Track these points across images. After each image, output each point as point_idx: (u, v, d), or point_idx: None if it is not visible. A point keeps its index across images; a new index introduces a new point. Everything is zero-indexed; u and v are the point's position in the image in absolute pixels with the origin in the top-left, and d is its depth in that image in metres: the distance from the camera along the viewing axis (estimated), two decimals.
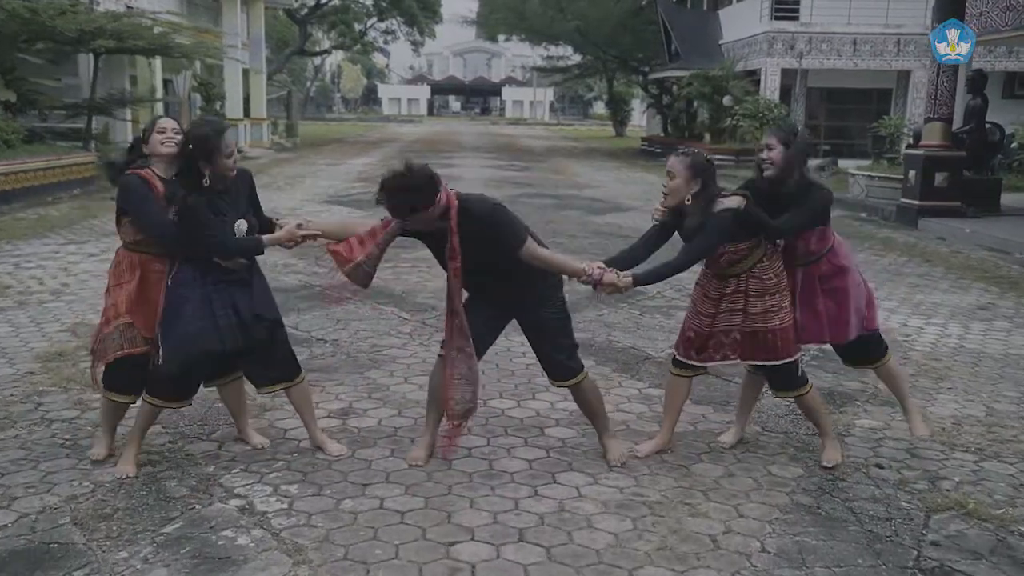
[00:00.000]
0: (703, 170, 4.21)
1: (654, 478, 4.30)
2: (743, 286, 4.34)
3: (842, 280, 4.47)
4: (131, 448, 4.30)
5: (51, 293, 8.11)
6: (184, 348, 4.09)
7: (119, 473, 4.21)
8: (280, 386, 4.46)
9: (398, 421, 5.00)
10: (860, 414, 5.30)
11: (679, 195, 4.24)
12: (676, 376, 4.61)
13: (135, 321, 4.20)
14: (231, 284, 4.21)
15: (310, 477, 4.22)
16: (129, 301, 4.19)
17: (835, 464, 4.44)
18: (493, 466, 4.40)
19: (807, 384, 4.44)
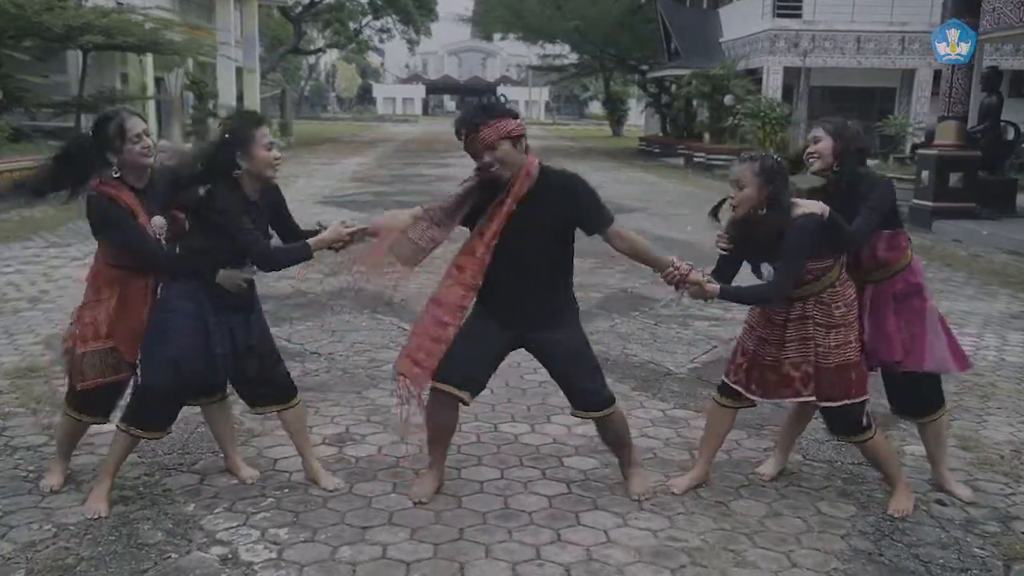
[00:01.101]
0: (775, 174, 3.69)
1: (690, 518, 3.81)
2: (809, 312, 3.82)
3: (920, 301, 3.94)
4: (104, 483, 3.81)
5: (28, 301, 7.61)
6: (169, 372, 3.63)
7: (90, 512, 3.72)
8: (274, 407, 3.98)
9: (400, 449, 4.50)
10: (908, 438, 4.82)
11: (751, 204, 3.72)
12: (721, 406, 4.10)
13: (117, 344, 3.73)
14: (229, 310, 3.74)
15: (302, 519, 3.72)
16: (110, 322, 3.72)
17: (905, 514, 3.90)
18: (509, 504, 3.90)
19: (872, 429, 3.89)
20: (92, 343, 3.74)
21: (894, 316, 3.91)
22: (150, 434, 3.81)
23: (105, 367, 3.75)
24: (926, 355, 3.92)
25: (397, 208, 3.89)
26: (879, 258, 3.91)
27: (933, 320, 3.98)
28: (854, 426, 3.85)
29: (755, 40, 27.52)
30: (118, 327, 3.72)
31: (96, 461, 4.25)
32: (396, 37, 50.79)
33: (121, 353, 3.74)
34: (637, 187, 19.95)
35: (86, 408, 3.88)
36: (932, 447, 4.22)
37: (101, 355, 3.74)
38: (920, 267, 4.06)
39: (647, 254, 3.84)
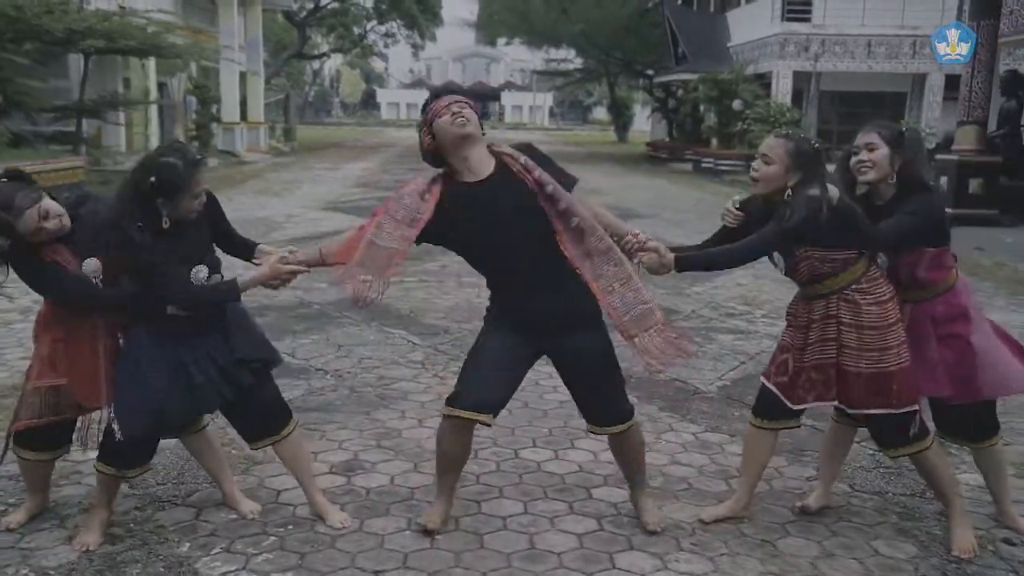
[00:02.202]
0: (808, 159, 3.36)
1: (735, 560, 3.46)
2: (833, 311, 3.48)
3: (964, 327, 3.56)
4: (97, 515, 3.50)
5: (20, 312, 7.27)
6: (152, 421, 3.34)
7: (78, 545, 3.41)
8: (267, 441, 3.63)
9: (414, 478, 4.15)
10: (959, 464, 4.46)
11: (771, 184, 3.41)
12: (756, 428, 3.76)
13: (71, 385, 3.40)
14: (199, 335, 3.40)
15: (308, 561, 3.36)
16: (56, 360, 3.40)
17: (971, 554, 3.52)
18: (535, 543, 3.54)
19: (925, 440, 3.54)
20: (34, 380, 3.44)
21: (937, 342, 3.56)
22: (131, 472, 3.51)
23: (44, 406, 3.43)
24: (980, 385, 3.57)
25: None
26: (919, 278, 3.55)
27: (985, 343, 3.61)
28: (902, 438, 3.51)
29: (764, 44, 27.21)
30: (70, 368, 3.41)
31: (83, 492, 3.92)
32: (401, 42, 50.58)
33: (72, 395, 3.43)
34: (647, 193, 19.60)
35: (27, 443, 3.56)
36: (991, 478, 3.86)
37: (43, 392, 3.43)
38: (966, 288, 3.68)
39: (608, 222, 3.50)
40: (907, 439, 3.52)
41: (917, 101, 27.39)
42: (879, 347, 3.44)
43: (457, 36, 78.34)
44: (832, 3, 26.16)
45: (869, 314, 3.45)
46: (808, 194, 3.29)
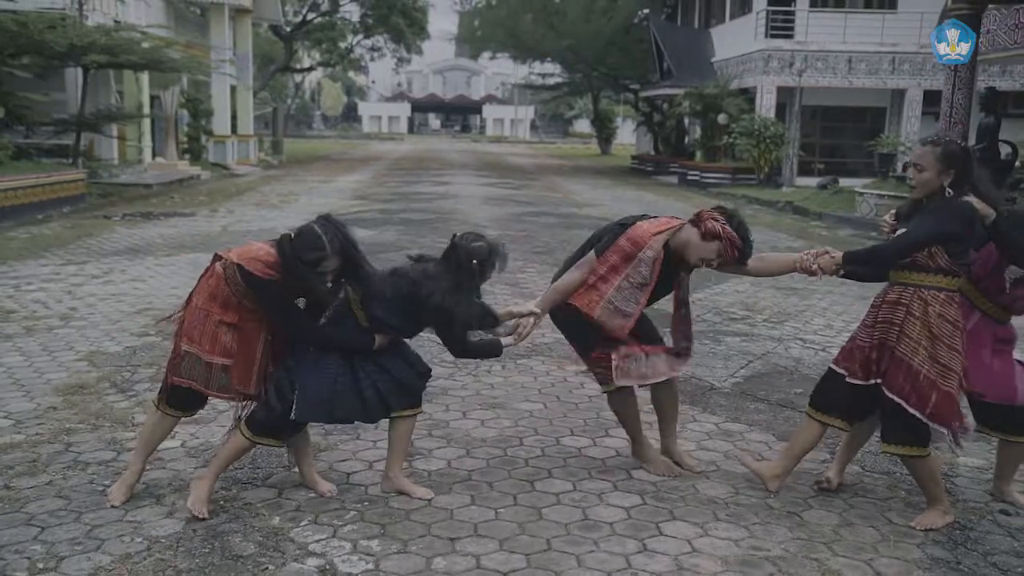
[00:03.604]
0: (958, 159, 3.75)
1: (766, 528, 3.89)
2: (905, 300, 3.85)
3: (1011, 347, 4.09)
4: (206, 484, 3.91)
5: (59, 318, 7.62)
6: (323, 411, 3.90)
7: (197, 512, 3.80)
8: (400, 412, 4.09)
9: (468, 462, 4.57)
10: (958, 451, 4.91)
11: (929, 188, 3.80)
12: (810, 417, 4.19)
13: (233, 371, 3.87)
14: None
15: (389, 530, 3.77)
16: (219, 339, 3.85)
17: (927, 528, 3.93)
18: (588, 515, 3.97)
19: (925, 448, 3.92)
20: (195, 346, 3.85)
21: (992, 352, 4.02)
22: (272, 443, 3.99)
23: (199, 376, 3.86)
24: (1018, 393, 4.03)
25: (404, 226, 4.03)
26: (1007, 295, 3.97)
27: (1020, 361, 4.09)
28: (909, 439, 3.87)
29: (748, 60, 27.80)
30: (230, 351, 3.86)
31: (169, 476, 4.30)
32: (387, 56, 50.99)
33: (232, 379, 3.88)
34: (637, 205, 20.07)
35: (176, 403, 3.99)
36: (1007, 463, 4.31)
37: (200, 364, 3.86)
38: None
39: (776, 264, 4.38)
40: (907, 441, 3.88)
41: (896, 116, 28.04)
42: (932, 353, 3.78)
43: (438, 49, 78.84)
44: (814, 20, 26.79)
45: (933, 320, 3.78)
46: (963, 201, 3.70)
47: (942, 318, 3.79)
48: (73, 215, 15.66)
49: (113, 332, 7.20)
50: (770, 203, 21.09)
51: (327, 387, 3.83)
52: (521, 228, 14.88)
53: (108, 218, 15.42)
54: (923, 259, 3.79)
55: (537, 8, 37.08)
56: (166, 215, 16.12)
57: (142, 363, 6.29)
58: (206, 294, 3.89)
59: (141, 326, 7.39)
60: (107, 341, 6.90)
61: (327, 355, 3.88)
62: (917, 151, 3.85)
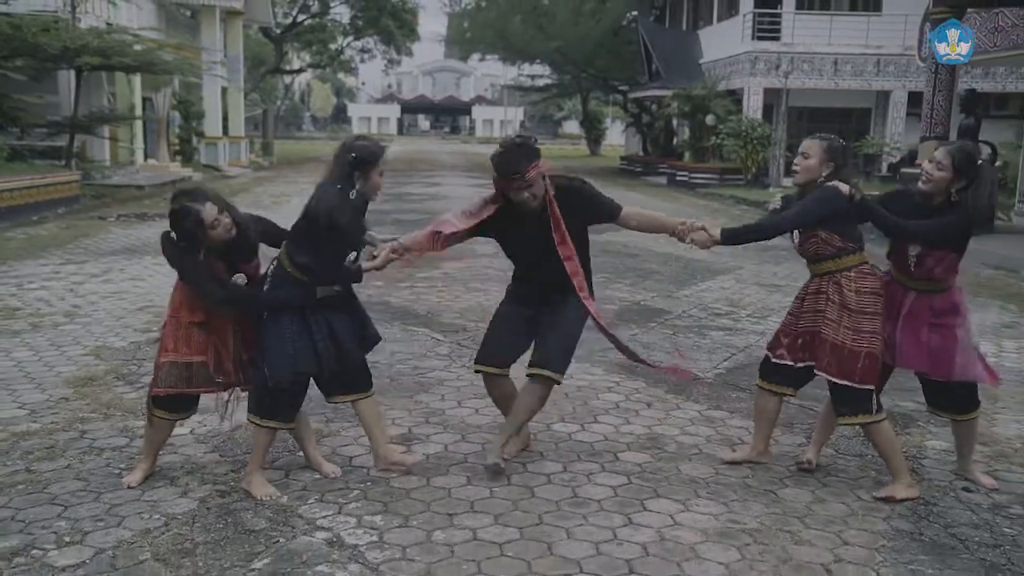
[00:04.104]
0: (838, 154, 4.23)
1: (744, 504, 4.16)
2: (824, 287, 4.26)
3: (953, 319, 4.31)
4: (258, 474, 4.20)
5: (64, 315, 7.84)
6: (289, 367, 4.04)
7: (264, 495, 4.09)
8: (352, 396, 4.35)
9: (464, 447, 4.83)
10: (927, 436, 5.21)
11: (811, 175, 4.24)
12: (760, 388, 4.57)
13: (206, 358, 4.12)
14: (327, 309, 4.14)
15: (391, 507, 4.03)
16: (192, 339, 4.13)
17: (887, 497, 4.24)
18: (577, 493, 4.23)
19: (878, 415, 4.22)
20: (171, 354, 4.11)
21: (928, 329, 4.30)
22: (283, 424, 4.20)
23: (178, 379, 4.11)
24: (955, 368, 4.30)
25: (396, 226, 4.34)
26: (934, 274, 4.27)
27: (964, 336, 4.34)
28: (856, 408, 4.21)
29: (736, 61, 28.15)
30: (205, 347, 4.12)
31: (181, 460, 4.55)
32: (377, 57, 51.19)
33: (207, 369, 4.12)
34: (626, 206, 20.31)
35: (165, 407, 4.21)
36: (962, 442, 4.59)
37: (178, 367, 4.10)
38: (961, 289, 4.42)
39: (659, 223, 4.54)
40: (859, 411, 4.20)
41: (882, 117, 28.43)
42: (854, 328, 4.17)
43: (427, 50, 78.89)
44: (800, 23, 27.17)
45: (851, 298, 4.18)
46: (828, 185, 4.15)
47: (859, 292, 4.18)
48: (68, 216, 15.85)
49: (117, 328, 7.43)
50: (757, 203, 21.36)
51: (288, 343, 4.03)
52: None
53: (103, 219, 15.62)
54: (823, 248, 4.22)
55: (526, 10, 37.38)
56: (160, 216, 16.27)
57: (147, 357, 6.50)
58: (176, 303, 4.18)
59: (143, 322, 7.63)
60: (112, 336, 7.13)
61: (281, 317, 4.07)
62: (806, 142, 4.31)
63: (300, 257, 4.06)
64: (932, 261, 4.25)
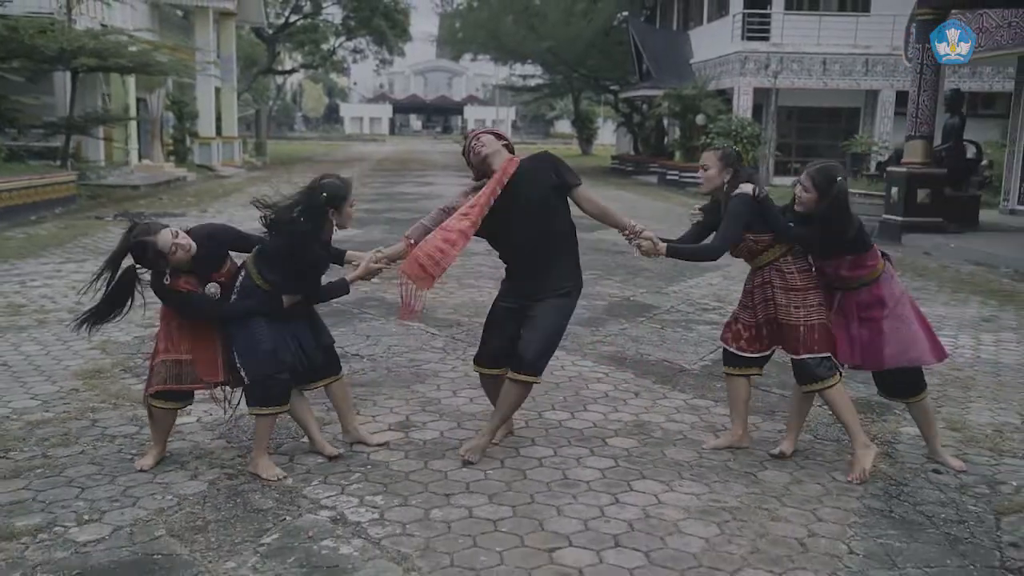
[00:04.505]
0: (733, 160, 4.69)
1: (725, 485, 4.40)
2: (768, 278, 4.65)
3: (879, 311, 4.58)
4: (263, 457, 4.43)
5: (68, 312, 8.04)
6: (270, 360, 4.31)
7: (271, 476, 4.35)
8: (325, 381, 4.67)
9: (460, 433, 5.06)
10: (903, 423, 5.44)
11: (713, 183, 4.68)
12: (729, 375, 4.90)
13: (194, 358, 4.38)
14: (290, 320, 4.45)
15: (391, 488, 4.26)
16: (179, 340, 4.39)
17: (860, 473, 4.50)
18: (567, 475, 4.46)
19: (834, 380, 4.55)
20: (162, 355, 4.41)
21: (858, 323, 4.62)
22: (279, 408, 4.41)
23: (168, 376, 4.39)
24: (885, 358, 4.59)
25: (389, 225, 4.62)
26: (842, 276, 4.62)
27: (893, 324, 4.59)
28: (817, 375, 4.55)
29: (725, 61, 28.40)
30: (192, 347, 4.39)
31: (189, 446, 4.77)
32: (369, 57, 51.36)
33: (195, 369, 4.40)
34: (617, 204, 20.46)
35: (163, 397, 4.46)
36: (922, 425, 4.85)
37: (168, 365, 4.39)
38: (888, 281, 4.64)
39: (610, 216, 4.71)
40: (818, 378, 4.55)
41: (870, 116, 28.71)
42: (804, 305, 4.56)
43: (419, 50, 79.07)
44: (789, 23, 27.43)
45: (793, 279, 4.58)
46: (737, 195, 4.55)
47: (799, 272, 4.60)
48: (65, 216, 16.02)
49: (121, 324, 7.53)
50: None
51: (265, 339, 4.30)
52: None
53: (100, 218, 15.79)
54: (755, 246, 4.62)
55: (518, 10, 37.60)
56: (156, 215, 16.44)
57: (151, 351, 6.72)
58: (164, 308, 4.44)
59: (146, 319, 7.80)
60: (116, 332, 7.33)
61: (250, 322, 4.33)
62: (705, 155, 4.74)
63: (271, 276, 4.34)
64: (831, 265, 4.62)
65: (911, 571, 3.57)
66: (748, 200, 4.52)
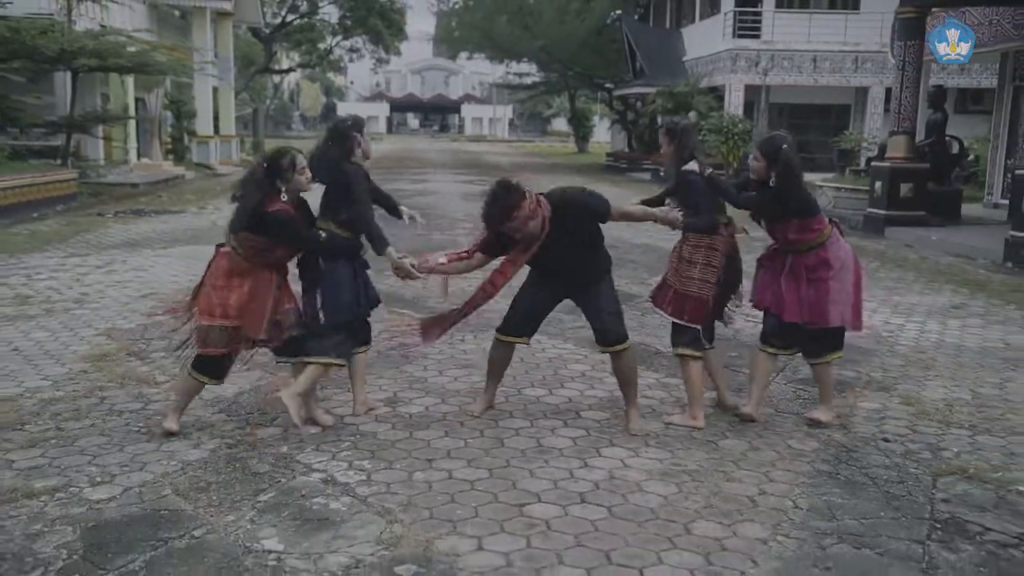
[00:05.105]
0: (676, 133, 5.21)
1: (687, 451, 4.77)
2: (677, 247, 5.24)
3: (824, 273, 5.02)
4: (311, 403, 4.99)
5: (73, 302, 8.40)
6: (347, 311, 4.88)
7: (325, 422, 5.00)
8: (362, 349, 5.20)
9: (443, 408, 5.43)
10: (861, 398, 5.81)
11: (670, 159, 5.27)
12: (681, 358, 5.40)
13: (244, 323, 4.71)
14: (363, 267, 5.04)
15: (378, 455, 4.62)
16: (240, 305, 4.70)
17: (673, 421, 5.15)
18: (541, 443, 4.83)
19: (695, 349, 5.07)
20: (218, 319, 4.69)
21: (806, 284, 5.04)
22: (339, 361, 4.94)
23: (229, 340, 4.73)
24: (830, 315, 5.04)
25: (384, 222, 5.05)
26: (791, 239, 5.08)
27: (838, 287, 5.03)
28: (681, 340, 5.12)
29: (717, 59, 28.77)
30: (247, 310, 4.71)
31: (192, 420, 5.12)
32: (366, 56, 51.71)
33: (246, 331, 4.72)
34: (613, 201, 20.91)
35: (204, 370, 4.80)
36: (823, 384, 5.30)
37: (229, 331, 4.71)
38: (834, 245, 5.07)
39: (636, 216, 5.28)
40: (684, 344, 5.12)
41: (860, 112, 29.10)
42: (686, 275, 5.11)
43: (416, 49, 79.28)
44: (780, 20, 27.81)
45: (686, 251, 5.14)
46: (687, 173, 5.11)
47: (695, 247, 5.10)
48: (67, 213, 16.35)
49: (124, 312, 8.00)
50: None
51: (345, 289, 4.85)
52: None
53: (101, 215, 16.14)
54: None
55: (512, 10, 37.97)
56: (157, 212, 16.86)
57: (154, 337, 7.09)
58: (221, 274, 4.76)
59: (148, 307, 8.19)
60: (120, 320, 7.70)
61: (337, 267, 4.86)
62: (660, 135, 5.29)
63: (340, 216, 4.90)
64: (779, 228, 5.08)
65: (848, 522, 3.93)
66: (698, 175, 5.06)
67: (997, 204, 18.65)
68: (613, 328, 5.01)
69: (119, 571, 3.38)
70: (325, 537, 3.69)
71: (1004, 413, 5.58)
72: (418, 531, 3.75)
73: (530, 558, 3.54)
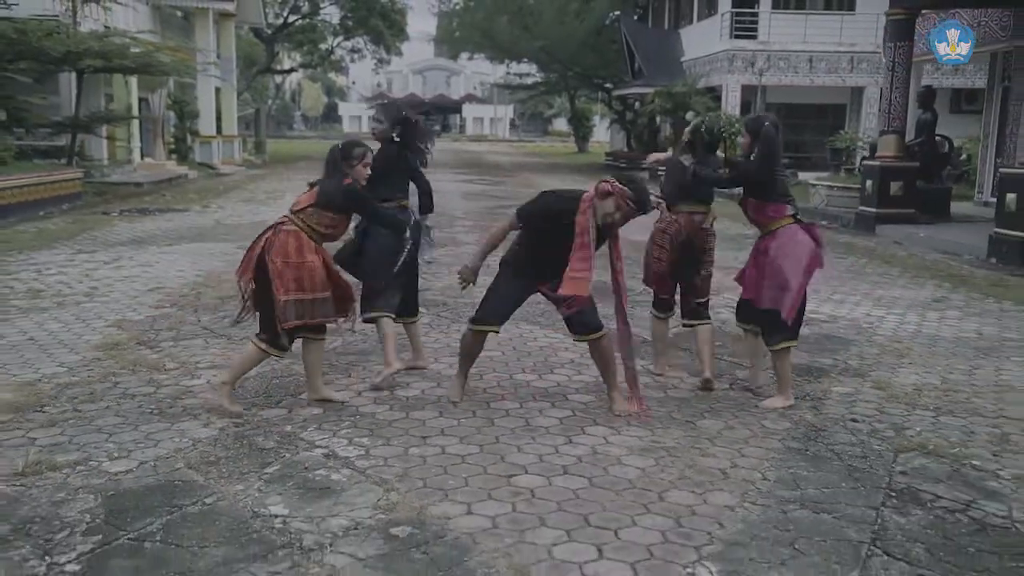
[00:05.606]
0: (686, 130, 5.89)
1: (667, 430, 5.08)
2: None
3: (764, 258, 5.48)
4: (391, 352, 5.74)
5: (84, 295, 8.71)
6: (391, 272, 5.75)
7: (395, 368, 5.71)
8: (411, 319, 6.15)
9: (439, 391, 5.75)
10: (835, 383, 6.12)
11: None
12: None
13: (336, 293, 5.23)
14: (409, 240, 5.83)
15: (376, 432, 4.94)
16: (323, 279, 5.15)
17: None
18: (529, 423, 5.15)
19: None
20: (295, 294, 5.05)
21: (753, 263, 5.55)
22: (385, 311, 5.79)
23: (324, 311, 5.20)
24: (762, 300, 5.47)
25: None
26: (750, 218, 5.61)
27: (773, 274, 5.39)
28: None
29: (714, 59, 29.08)
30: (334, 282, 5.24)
31: (199, 402, 5.43)
32: (367, 57, 52.03)
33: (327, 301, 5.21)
34: None
35: (275, 344, 5.19)
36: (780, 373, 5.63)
37: (320, 302, 5.15)
38: (785, 239, 5.42)
39: None
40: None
41: (856, 112, 29.40)
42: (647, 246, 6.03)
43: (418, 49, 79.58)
44: (776, 21, 28.13)
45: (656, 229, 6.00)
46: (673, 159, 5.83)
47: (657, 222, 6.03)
48: (73, 212, 16.66)
49: (133, 305, 8.31)
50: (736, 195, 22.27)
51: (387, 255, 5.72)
52: (494, 220, 16.05)
53: (107, 214, 16.46)
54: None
55: (512, 10, 38.30)
56: (161, 211, 17.17)
57: (163, 328, 7.41)
58: (293, 250, 5.08)
59: (157, 300, 8.51)
60: (130, 312, 8.01)
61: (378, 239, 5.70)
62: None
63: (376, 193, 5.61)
64: (746, 207, 5.57)
65: (810, 491, 4.25)
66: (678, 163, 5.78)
67: (987, 202, 18.94)
68: (591, 319, 5.36)
69: (138, 532, 3.70)
70: (327, 503, 4.00)
71: (969, 397, 5.89)
72: (413, 498, 4.06)
73: (515, 521, 3.85)
